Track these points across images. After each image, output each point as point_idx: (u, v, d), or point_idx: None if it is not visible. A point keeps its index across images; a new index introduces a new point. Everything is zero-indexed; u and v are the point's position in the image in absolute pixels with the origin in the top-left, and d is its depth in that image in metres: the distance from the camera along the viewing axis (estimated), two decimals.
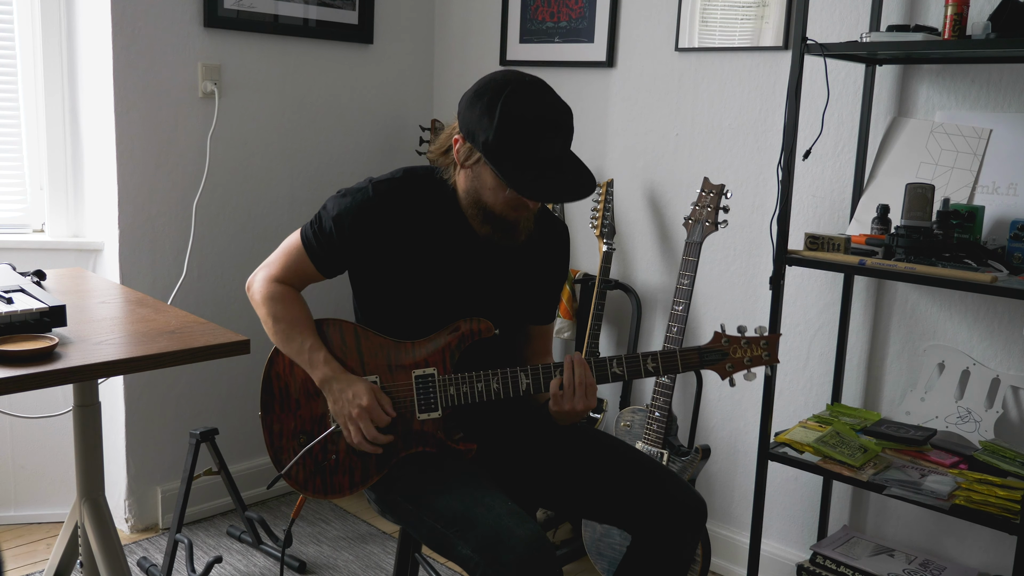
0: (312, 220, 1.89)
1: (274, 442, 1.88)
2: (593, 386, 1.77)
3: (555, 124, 1.70)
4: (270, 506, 3.16)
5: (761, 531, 2.35)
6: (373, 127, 3.34)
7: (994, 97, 2.22)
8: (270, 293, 1.90)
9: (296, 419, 1.87)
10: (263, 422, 1.88)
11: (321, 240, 1.86)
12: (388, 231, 1.82)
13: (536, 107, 1.68)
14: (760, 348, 1.81)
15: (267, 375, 1.89)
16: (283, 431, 1.88)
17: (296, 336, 1.85)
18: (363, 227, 1.82)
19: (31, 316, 1.67)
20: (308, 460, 1.86)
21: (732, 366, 1.81)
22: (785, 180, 2.19)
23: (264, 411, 1.88)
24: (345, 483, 1.86)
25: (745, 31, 2.60)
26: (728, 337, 1.82)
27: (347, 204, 1.83)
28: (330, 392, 1.82)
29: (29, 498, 2.95)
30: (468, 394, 1.82)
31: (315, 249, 1.87)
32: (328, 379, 1.82)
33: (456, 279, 1.86)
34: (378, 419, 1.79)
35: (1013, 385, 2.23)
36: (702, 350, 1.81)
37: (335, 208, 1.84)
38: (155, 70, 2.77)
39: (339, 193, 1.87)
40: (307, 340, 1.84)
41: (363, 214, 1.82)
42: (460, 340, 1.84)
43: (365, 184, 1.85)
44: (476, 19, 3.32)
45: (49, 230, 2.90)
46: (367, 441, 1.79)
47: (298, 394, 1.87)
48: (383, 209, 1.82)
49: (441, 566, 2.78)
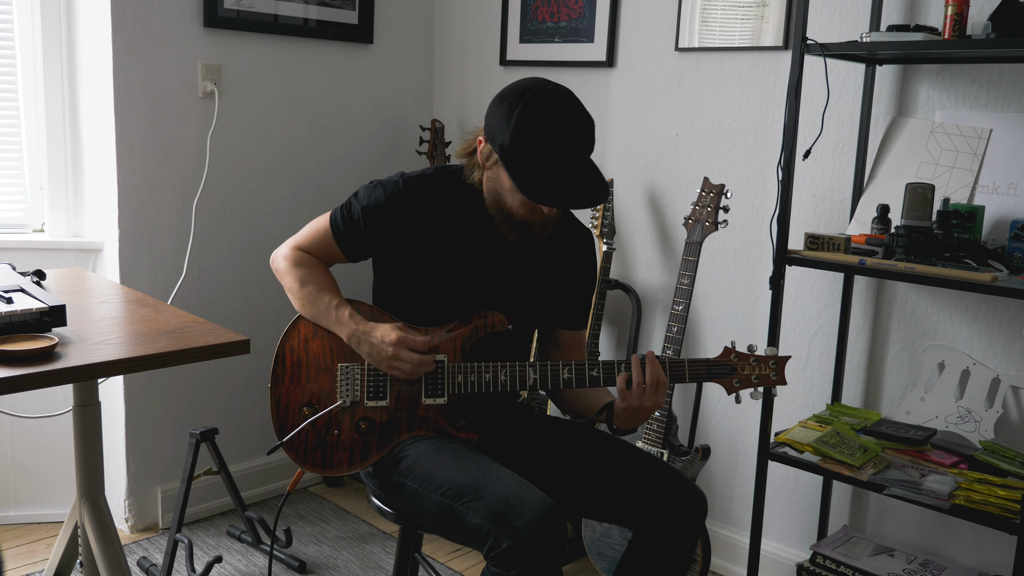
0: (343, 205, 1.94)
1: (279, 413, 1.91)
2: (664, 383, 1.79)
3: (570, 132, 1.72)
4: (270, 506, 3.16)
5: (761, 531, 2.35)
6: (373, 127, 3.34)
7: (994, 97, 2.22)
8: (297, 259, 1.97)
9: (303, 392, 1.90)
10: (271, 393, 1.91)
11: (349, 227, 1.92)
12: (415, 226, 1.88)
13: (553, 114, 1.71)
14: (768, 368, 1.83)
15: (281, 348, 1.92)
16: (290, 402, 1.91)
17: (323, 296, 1.91)
18: (391, 220, 1.89)
19: (31, 316, 1.67)
20: (310, 433, 1.89)
21: (739, 382, 1.83)
22: (785, 180, 2.19)
23: (273, 382, 1.91)
24: (344, 460, 1.89)
25: (745, 31, 2.60)
26: (738, 353, 1.83)
27: (378, 196, 1.89)
28: (360, 344, 1.87)
29: (29, 498, 2.95)
30: (475, 383, 1.86)
31: (342, 234, 1.93)
32: (355, 332, 1.87)
33: (477, 275, 1.91)
34: (414, 344, 1.84)
35: (1013, 385, 2.23)
36: (710, 363, 1.83)
37: (366, 198, 1.90)
38: (155, 70, 2.77)
39: (372, 184, 1.93)
40: (333, 299, 1.91)
41: (392, 208, 1.88)
42: (473, 331, 1.88)
43: (397, 178, 1.91)
44: (476, 19, 3.32)
45: (49, 230, 2.90)
46: (416, 368, 1.84)
47: (308, 368, 1.91)
48: (412, 204, 1.88)
49: (441, 566, 2.78)
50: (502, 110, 1.74)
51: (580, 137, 1.73)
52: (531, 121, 1.70)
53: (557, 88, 1.75)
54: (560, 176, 1.72)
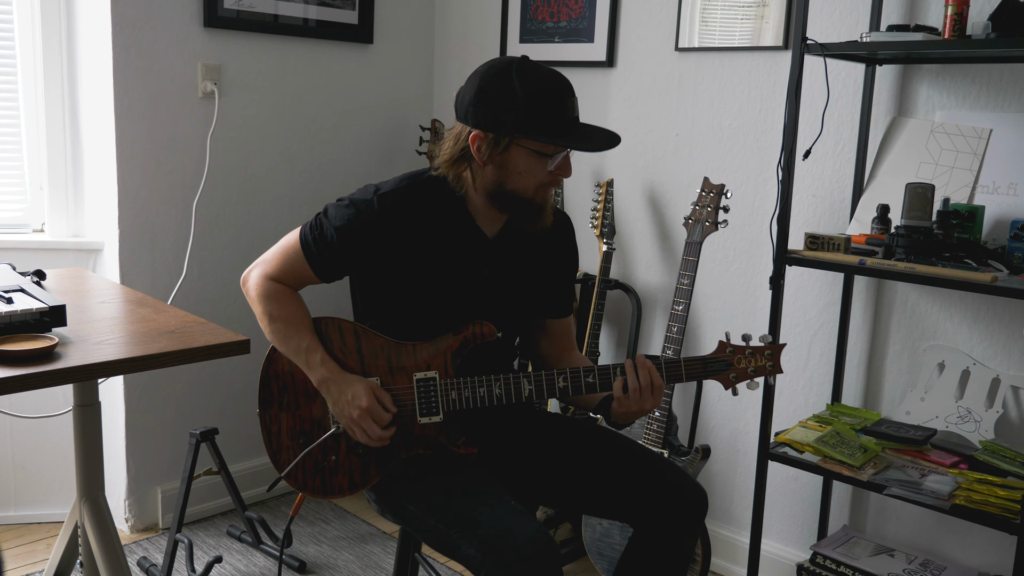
0: (312, 224, 1.84)
1: (272, 441, 1.88)
2: (660, 386, 1.78)
3: (567, 87, 1.77)
4: (270, 506, 3.16)
5: (761, 531, 2.35)
6: (373, 127, 3.34)
7: (994, 97, 2.22)
8: (266, 291, 1.87)
9: (295, 419, 1.87)
10: (261, 419, 1.88)
11: (321, 247, 1.82)
12: (393, 242, 1.80)
13: (546, 76, 1.75)
14: (764, 358, 1.81)
15: (265, 373, 1.88)
16: (282, 430, 1.87)
17: (293, 336, 1.83)
18: (367, 239, 1.80)
19: (31, 316, 1.67)
20: (308, 461, 1.86)
21: (736, 376, 1.80)
22: (785, 180, 2.19)
23: (262, 408, 1.88)
24: (345, 484, 1.86)
25: (745, 31, 2.60)
26: (732, 347, 1.81)
27: (351, 215, 1.80)
28: (328, 394, 1.81)
29: (29, 498, 2.95)
30: (470, 398, 1.80)
31: (314, 255, 1.83)
32: (325, 380, 1.80)
33: (463, 283, 1.86)
34: (379, 418, 1.77)
35: (1013, 385, 2.23)
36: (706, 360, 1.80)
37: (337, 218, 1.81)
38: (155, 70, 2.77)
39: (341, 202, 1.83)
40: (303, 340, 1.82)
41: (367, 227, 1.80)
42: (462, 344, 1.83)
43: (369, 196, 1.81)
44: (476, 19, 3.32)
45: (49, 230, 2.90)
46: (372, 442, 1.79)
47: (297, 394, 1.86)
48: (388, 221, 1.80)
49: (441, 566, 2.78)
50: (494, 93, 1.72)
51: (571, 89, 1.77)
52: (536, 87, 1.71)
53: (522, 58, 1.77)
54: (578, 127, 1.76)
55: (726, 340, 1.82)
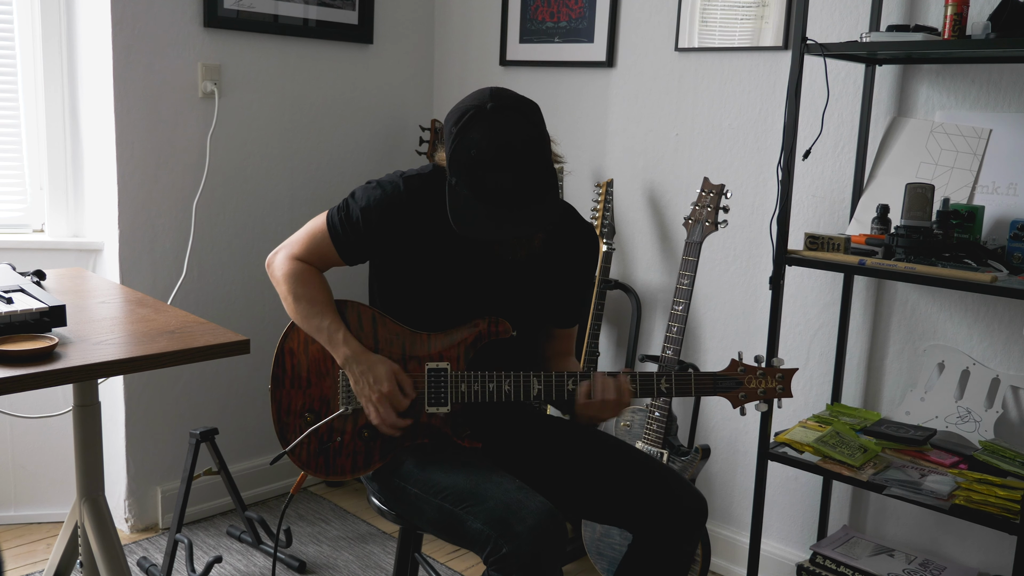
0: (339, 207, 1.88)
1: (281, 417, 1.90)
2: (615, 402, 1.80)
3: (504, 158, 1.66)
4: (270, 506, 3.16)
5: (761, 531, 2.35)
6: (373, 127, 3.34)
7: (994, 97, 2.22)
8: (291, 271, 1.90)
9: (305, 396, 1.89)
10: (272, 395, 1.90)
11: (347, 229, 1.86)
12: (416, 226, 1.84)
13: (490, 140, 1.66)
14: (775, 380, 1.82)
15: (280, 349, 1.90)
16: (291, 407, 1.89)
17: (316, 315, 1.85)
18: (391, 221, 1.84)
19: (31, 316, 1.67)
20: (313, 440, 1.88)
21: (745, 395, 1.82)
22: (785, 180, 2.19)
23: (274, 385, 1.89)
24: (348, 466, 1.88)
25: (745, 31, 2.60)
26: (744, 366, 1.82)
27: (377, 197, 1.84)
28: (351, 372, 1.83)
29: (29, 498, 2.95)
30: (479, 393, 1.83)
31: (340, 237, 1.87)
32: (349, 359, 1.83)
33: (479, 278, 1.88)
34: (398, 405, 1.81)
35: (1013, 385, 2.23)
36: (716, 377, 1.82)
37: (364, 199, 1.85)
38: (155, 70, 2.77)
39: (369, 184, 1.88)
40: (326, 319, 1.85)
41: (392, 208, 1.83)
42: (477, 338, 1.85)
43: (396, 178, 1.86)
44: (476, 19, 3.32)
45: (49, 230, 2.90)
46: (386, 425, 1.81)
47: (309, 372, 1.89)
48: (412, 204, 1.83)
49: (442, 566, 2.78)
50: (447, 130, 1.73)
51: (516, 159, 1.66)
52: (469, 151, 1.67)
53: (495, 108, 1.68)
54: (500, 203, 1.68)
55: (738, 359, 1.83)
